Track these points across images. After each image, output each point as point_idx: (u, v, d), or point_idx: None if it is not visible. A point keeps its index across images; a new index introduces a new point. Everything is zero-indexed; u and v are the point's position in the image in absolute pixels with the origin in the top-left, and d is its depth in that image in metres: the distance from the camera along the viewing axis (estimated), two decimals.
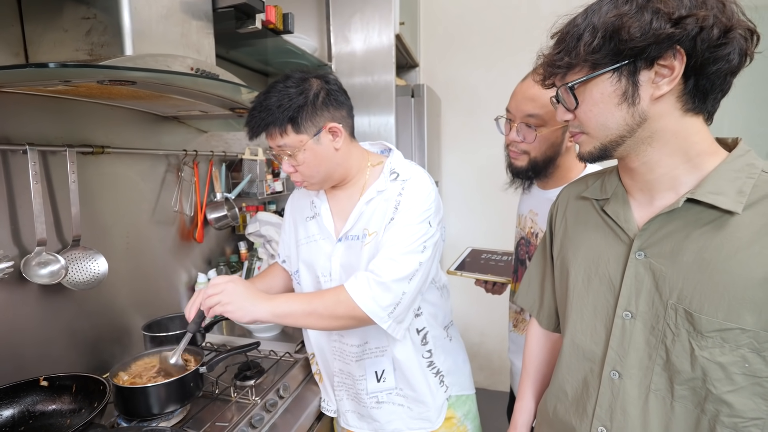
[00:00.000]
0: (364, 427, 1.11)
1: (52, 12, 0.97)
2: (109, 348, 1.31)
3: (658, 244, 0.66)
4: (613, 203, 0.73)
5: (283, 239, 1.21)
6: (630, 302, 0.68)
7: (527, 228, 1.16)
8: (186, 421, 1.06)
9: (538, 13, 2.31)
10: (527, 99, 0.98)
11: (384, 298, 0.90)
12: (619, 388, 0.69)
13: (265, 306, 0.89)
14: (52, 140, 1.13)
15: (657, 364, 0.66)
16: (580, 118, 0.67)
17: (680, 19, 0.56)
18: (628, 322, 0.68)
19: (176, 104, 1.26)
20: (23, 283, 1.05)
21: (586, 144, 0.68)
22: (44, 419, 1.00)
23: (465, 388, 1.17)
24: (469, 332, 2.71)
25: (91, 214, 1.24)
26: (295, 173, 0.97)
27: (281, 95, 0.90)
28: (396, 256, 0.92)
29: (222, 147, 1.79)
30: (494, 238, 2.54)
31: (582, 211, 0.79)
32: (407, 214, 0.95)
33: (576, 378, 0.76)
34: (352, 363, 1.07)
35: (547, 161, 1.03)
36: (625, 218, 0.70)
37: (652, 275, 0.66)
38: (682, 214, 0.64)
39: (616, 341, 0.69)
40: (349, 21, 2.00)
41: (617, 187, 0.74)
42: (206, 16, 1.15)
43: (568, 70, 0.64)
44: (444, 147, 2.62)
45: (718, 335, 0.60)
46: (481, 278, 1.28)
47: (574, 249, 0.78)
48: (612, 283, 0.71)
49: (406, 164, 1.04)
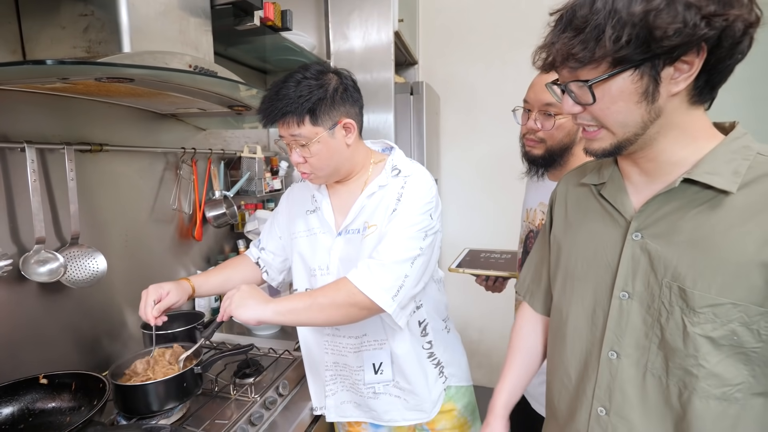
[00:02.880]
0: (361, 415, 1.12)
1: (50, 9, 0.97)
2: (108, 346, 1.31)
3: (654, 225, 0.67)
4: (609, 187, 0.74)
5: (270, 227, 1.20)
6: (627, 283, 0.69)
7: (537, 221, 1.17)
8: (185, 419, 1.07)
9: (537, 10, 2.28)
10: (546, 88, 1.01)
11: (385, 279, 0.90)
12: (617, 368, 0.70)
13: (269, 306, 0.90)
14: (50, 138, 1.12)
15: (653, 343, 0.67)
16: (594, 114, 0.64)
17: (712, 16, 0.54)
18: (625, 302, 0.69)
19: (174, 102, 1.26)
20: (22, 281, 1.05)
21: (604, 140, 0.66)
22: (44, 417, 1.00)
23: (464, 380, 1.19)
24: (468, 330, 2.71)
25: (90, 212, 1.24)
26: (304, 164, 0.98)
27: (301, 85, 0.90)
28: (398, 240, 0.93)
29: (220, 145, 1.79)
30: (493, 234, 2.55)
31: (581, 198, 0.80)
32: (409, 206, 0.97)
33: (579, 361, 0.76)
34: (349, 355, 1.07)
35: (563, 149, 1.05)
36: (621, 201, 0.71)
37: (648, 255, 0.67)
38: (679, 194, 0.65)
39: (614, 322, 0.70)
40: (348, 18, 1.99)
41: (613, 171, 0.74)
42: (204, 13, 1.15)
43: (585, 64, 0.60)
44: (443, 144, 2.62)
45: (710, 310, 0.61)
46: (484, 273, 1.30)
47: (573, 235, 0.79)
48: (610, 266, 0.71)
49: (408, 161, 1.05)
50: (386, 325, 1.03)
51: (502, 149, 2.42)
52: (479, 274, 1.30)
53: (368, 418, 1.12)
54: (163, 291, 1.01)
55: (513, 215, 1.38)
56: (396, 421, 1.09)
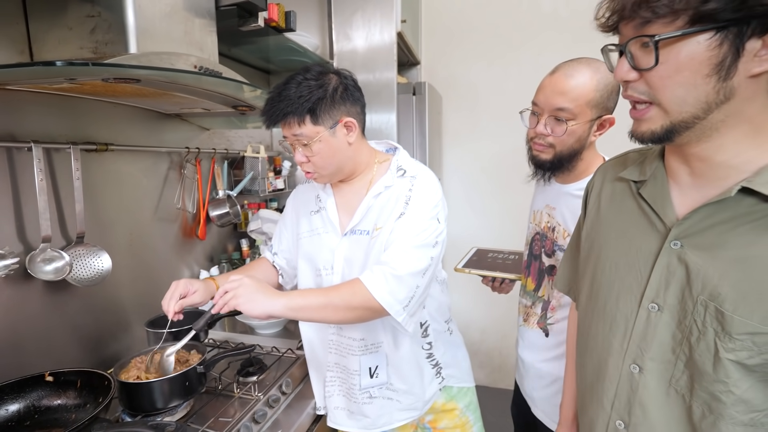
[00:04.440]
0: (352, 425, 1.10)
1: (57, 10, 0.98)
2: (113, 344, 1.32)
3: (699, 235, 0.59)
4: (650, 186, 0.66)
5: (281, 232, 1.21)
6: (658, 294, 0.63)
7: (543, 223, 1.15)
8: (189, 417, 1.07)
9: (538, 10, 2.30)
10: (557, 93, 0.98)
11: (400, 292, 0.92)
12: (638, 382, 0.66)
13: (280, 300, 0.90)
14: (57, 137, 1.13)
15: (680, 360, 0.61)
16: (651, 82, 0.54)
17: None
18: (653, 314, 0.64)
19: (179, 102, 1.27)
20: (28, 279, 1.06)
21: (654, 120, 0.56)
22: (50, 414, 1.01)
23: (465, 381, 1.20)
24: (470, 330, 2.72)
25: (95, 210, 1.25)
26: (307, 163, 0.99)
27: (301, 86, 0.92)
28: (410, 249, 0.94)
29: (224, 144, 1.80)
30: (497, 234, 2.56)
31: (617, 193, 0.73)
32: (418, 209, 0.97)
33: (598, 370, 0.73)
34: (350, 357, 1.08)
35: (573, 154, 1.03)
36: (662, 205, 0.64)
37: (685, 267, 0.60)
38: (733, 205, 0.56)
39: (639, 334, 0.65)
40: (351, 18, 2.00)
41: (657, 168, 0.66)
42: (209, 14, 1.15)
43: (659, 16, 0.50)
44: (445, 143, 2.62)
45: (749, 338, 0.55)
46: (490, 275, 1.28)
47: (604, 232, 0.73)
48: (640, 273, 0.65)
49: (412, 162, 1.06)
50: (386, 326, 1.04)
51: (504, 148, 2.42)
52: (485, 275, 1.28)
53: (359, 428, 1.09)
54: (191, 288, 1.02)
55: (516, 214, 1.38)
56: (390, 423, 1.09)
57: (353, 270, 1.02)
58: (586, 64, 0.98)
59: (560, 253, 1.08)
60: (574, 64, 0.99)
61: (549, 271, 1.12)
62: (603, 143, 1.04)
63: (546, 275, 1.13)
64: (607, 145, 1.07)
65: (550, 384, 1.12)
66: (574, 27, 2.18)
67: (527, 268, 1.21)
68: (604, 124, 1.01)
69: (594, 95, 0.96)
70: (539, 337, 1.14)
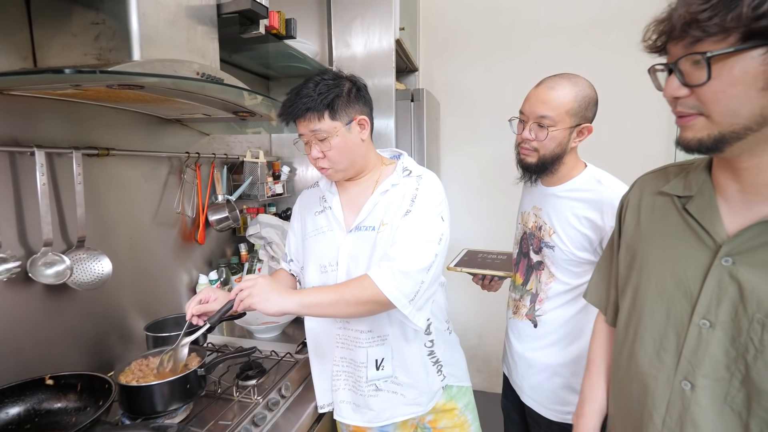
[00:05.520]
0: (357, 419, 1.12)
1: (62, 17, 0.99)
2: (112, 347, 1.32)
3: (752, 253, 0.59)
4: (697, 202, 0.65)
5: (290, 239, 1.25)
6: (709, 311, 0.62)
7: (531, 222, 1.24)
8: (189, 420, 1.08)
9: (535, 19, 2.34)
10: (541, 102, 1.09)
11: (406, 286, 0.96)
12: (690, 399, 0.64)
13: (293, 298, 0.94)
14: (59, 142, 1.15)
15: (735, 377, 0.60)
16: (703, 97, 0.55)
17: None
18: (705, 330, 0.63)
19: (180, 107, 1.28)
20: (29, 283, 1.07)
21: (701, 129, 0.56)
22: (50, 417, 1.01)
23: (463, 380, 1.23)
24: (467, 334, 2.73)
25: (96, 215, 1.25)
26: (323, 159, 1.03)
27: (320, 85, 0.99)
28: (416, 246, 0.98)
29: (224, 149, 1.81)
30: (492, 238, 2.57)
31: (659, 208, 0.72)
32: (424, 207, 1.02)
33: (645, 386, 0.71)
34: (358, 349, 1.09)
35: (555, 158, 1.12)
36: (711, 220, 0.63)
37: (738, 285, 0.59)
38: None
39: (690, 350, 0.64)
40: (350, 25, 2.02)
41: (704, 183, 0.65)
42: (211, 21, 1.17)
43: (710, 35, 0.51)
44: (443, 149, 2.65)
45: None
46: (480, 272, 1.36)
47: (646, 247, 0.72)
48: (689, 289, 0.65)
49: (417, 165, 1.12)
50: (392, 319, 1.07)
51: (500, 154, 2.45)
52: (476, 273, 1.37)
53: (363, 421, 1.11)
54: (213, 296, 1.06)
55: (511, 218, 1.42)
56: (394, 417, 1.11)
57: (358, 266, 1.05)
58: (566, 79, 1.09)
59: (547, 250, 1.17)
60: (556, 78, 1.10)
61: (537, 266, 1.22)
62: (584, 150, 1.12)
63: (534, 270, 1.23)
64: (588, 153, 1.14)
65: (539, 372, 1.21)
66: (568, 36, 2.24)
67: (516, 265, 1.30)
68: (583, 132, 1.11)
69: (572, 105, 1.07)
70: (528, 328, 1.23)
